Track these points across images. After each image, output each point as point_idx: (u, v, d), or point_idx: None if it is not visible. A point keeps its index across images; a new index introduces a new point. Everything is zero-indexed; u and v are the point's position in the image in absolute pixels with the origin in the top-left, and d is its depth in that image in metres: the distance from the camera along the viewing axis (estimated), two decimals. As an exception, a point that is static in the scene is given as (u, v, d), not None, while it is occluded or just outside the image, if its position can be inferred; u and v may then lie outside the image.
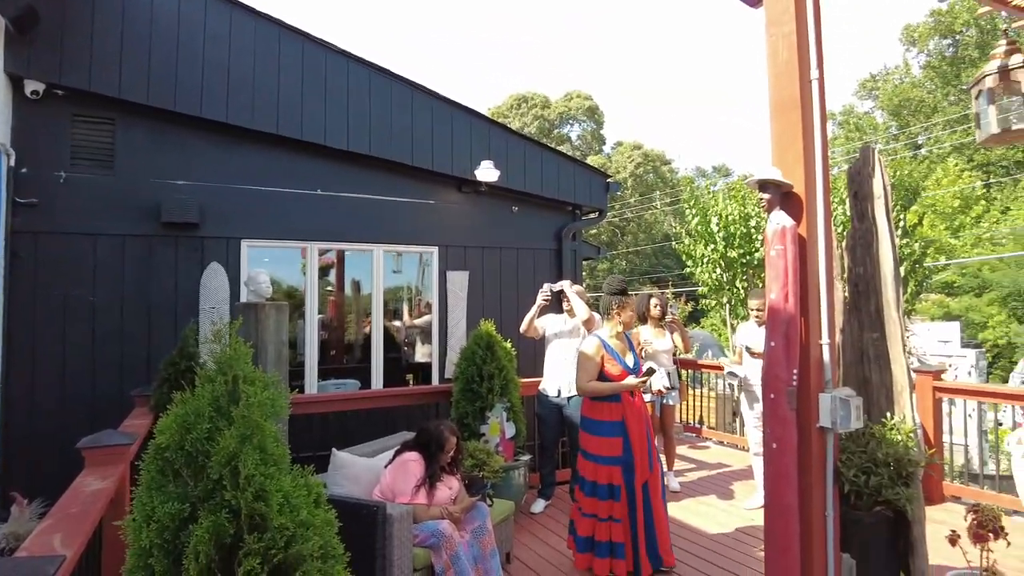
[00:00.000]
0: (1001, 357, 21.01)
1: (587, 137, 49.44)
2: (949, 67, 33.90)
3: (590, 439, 4.05)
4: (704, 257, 10.59)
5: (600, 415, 4.03)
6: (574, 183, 7.55)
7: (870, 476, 2.59)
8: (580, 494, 4.10)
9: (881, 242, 2.87)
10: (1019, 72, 3.24)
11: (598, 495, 3.94)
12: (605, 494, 3.92)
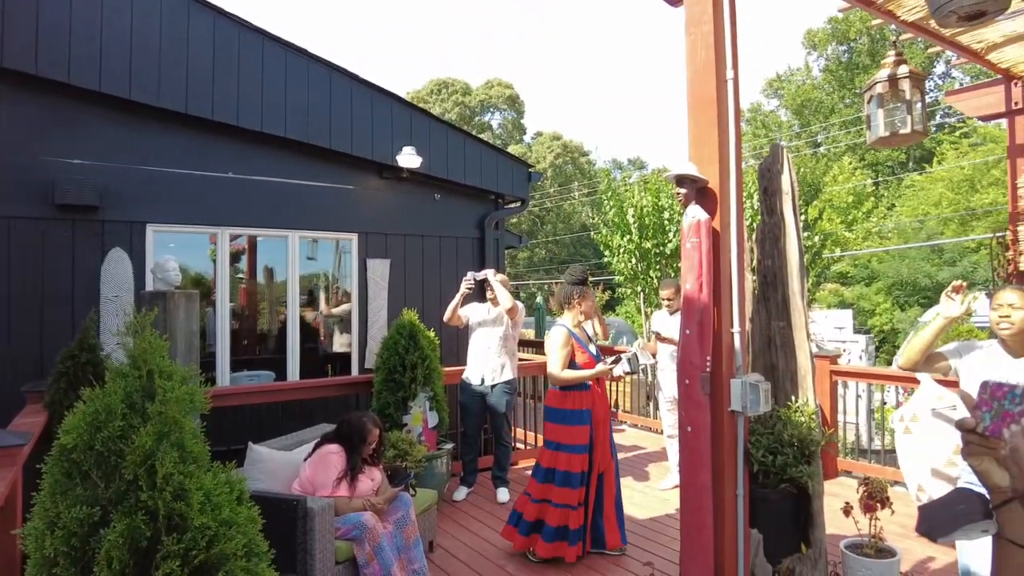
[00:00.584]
0: (886, 341, 22.82)
1: (508, 126, 49.54)
2: (845, 72, 36.17)
3: (560, 429, 4.04)
4: (620, 247, 10.91)
5: (570, 404, 4.05)
6: (497, 172, 7.57)
7: (777, 456, 2.76)
8: (532, 481, 4.15)
9: (788, 236, 3.05)
10: (905, 81, 3.52)
11: (555, 482, 3.98)
12: (564, 481, 3.95)
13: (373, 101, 6.62)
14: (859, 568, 2.83)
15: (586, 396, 4.07)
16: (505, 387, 5.21)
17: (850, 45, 36.20)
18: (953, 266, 23.03)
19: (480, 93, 47.71)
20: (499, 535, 4.51)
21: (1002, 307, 2.60)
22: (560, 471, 4.00)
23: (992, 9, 2.06)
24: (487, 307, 5.34)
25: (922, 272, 23.45)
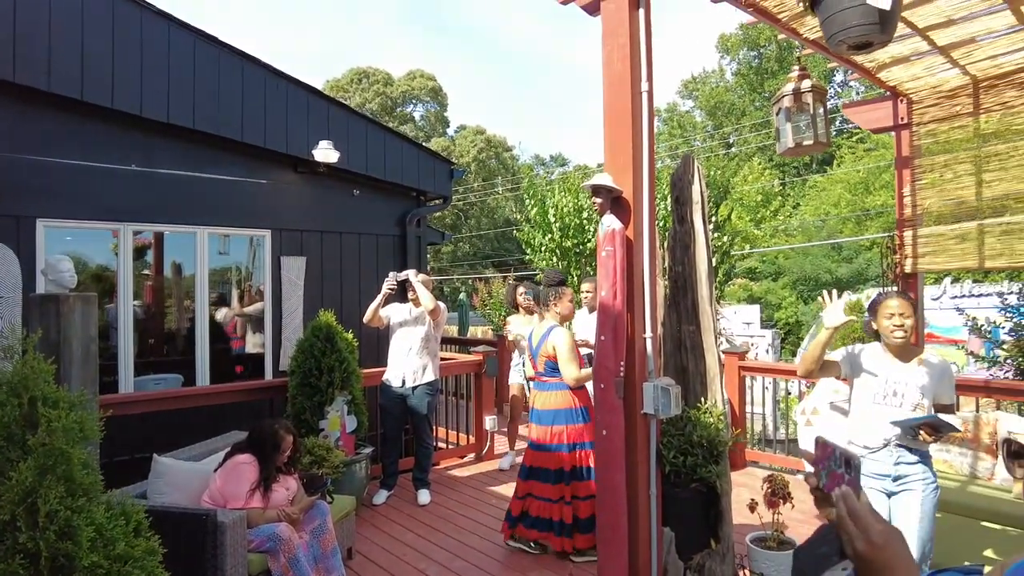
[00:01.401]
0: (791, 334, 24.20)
1: (430, 118, 49.05)
2: (755, 76, 37.94)
3: (584, 428, 4.08)
4: (542, 246, 11.05)
5: (582, 402, 4.13)
6: (418, 169, 7.49)
7: (687, 457, 2.88)
8: (518, 480, 4.26)
9: (698, 243, 3.18)
10: (808, 95, 3.73)
11: (582, 478, 4.02)
12: (589, 475, 3.97)
13: (288, 93, 6.40)
14: (763, 561, 3.00)
15: (583, 394, 4.18)
16: (427, 388, 5.18)
17: (760, 51, 37.98)
18: (850, 263, 24.67)
19: (402, 84, 46.99)
20: (419, 538, 4.50)
21: (895, 316, 2.79)
22: (585, 467, 4.04)
23: (877, 41, 2.22)
24: (408, 307, 5.28)
25: (823, 268, 25.00)
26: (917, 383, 2.74)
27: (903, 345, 2.81)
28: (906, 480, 2.74)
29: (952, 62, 4.41)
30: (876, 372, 2.79)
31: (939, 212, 4.87)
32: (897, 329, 2.77)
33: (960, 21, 3.86)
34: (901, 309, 2.79)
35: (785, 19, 3.84)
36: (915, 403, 2.73)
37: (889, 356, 2.82)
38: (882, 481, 2.77)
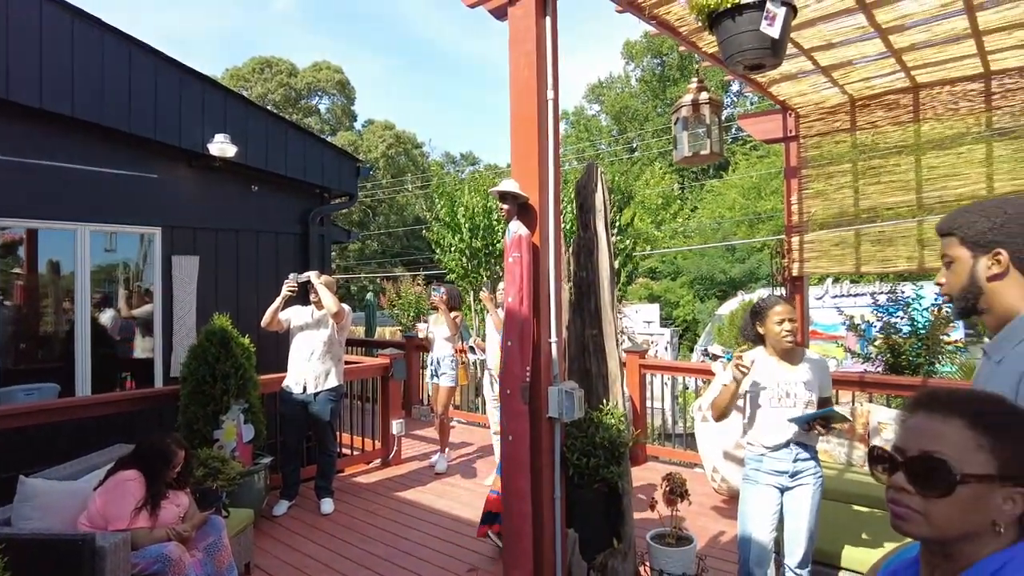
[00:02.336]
0: (689, 331, 25.39)
1: (337, 112, 47.74)
2: (658, 83, 39.44)
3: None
4: (451, 246, 11.01)
5: None
6: (323, 165, 7.24)
7: (590, 458, 2.94)
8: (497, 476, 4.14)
9: (601, 250, 3.25)
10: (705, 107, 3.90)
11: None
12: None
13: (182, 83, 6.01)
14: (662, 557, 3.11)
15: None
16: (330, 395, 5.03)
17: (663, 59, 39.52)
18: (743, 263, 26.18)
19: (307, 75, 45.46)
20: (322, 548, 4.36)
21: (784, 321, 2.95)
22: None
23: (769, 64, 2.36)
24: (310, 310, 5.10)
25: (718, 268, 26.41)
26: (804, 382, 2.92)
27: (789, 349, 2.98)
28: (801, 475, 2.92)
29: (832, 81, 4.75)
30: (768, 377, 2.94)
31: (823, 219, 5.24)
32: (788, 334, 2.93)
33: (839, 45, 4.16)
34: (789, 314, 2.96)
35: (685, 33, 4.01)
36: (806, 401, 2.91)
37: (775, 359, 2.98)
38: (779, 478, 2.93)
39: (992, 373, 1.46)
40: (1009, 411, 1.05)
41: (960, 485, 0.98)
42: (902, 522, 1.04)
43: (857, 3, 3.55)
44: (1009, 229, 1.46)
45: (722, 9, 2.30)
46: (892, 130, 4.93)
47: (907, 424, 1.08)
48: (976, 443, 0.99)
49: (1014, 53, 4.16)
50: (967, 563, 1.00)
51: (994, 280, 1.47)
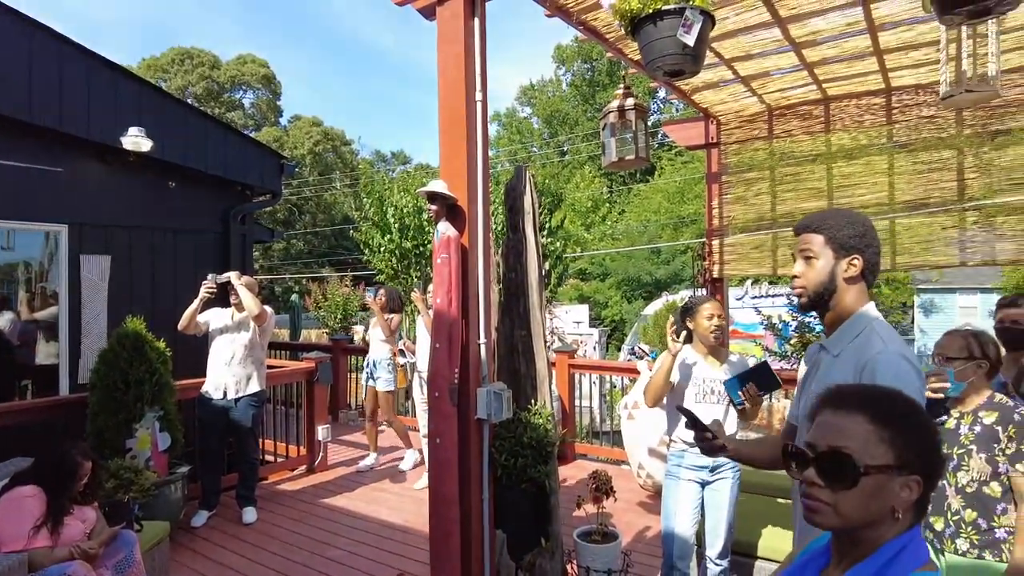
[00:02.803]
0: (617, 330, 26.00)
1: (262, 106, 46.24)
2: (588, 88, 40.14)
3: None
4: (380, 246, 10.83)
5: None
6: (245, 161, 6.99)
7: (518, 458, 2.96)
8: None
9: (529, 252, 3.28)
10: (631, 112, 3.99)
11: None
12: None
13: (90, 71, 5.66)
14: (588, 554, 3.16)
15: None
16: (251, 400, 4.85)
17: (593, 64, 40.24)
18: (668, 265, 27.01)
19: (231, 68, 43.81)
20: (242, 559, 4.20)
21: (714, 317, 3.06)
22: None
23: (688, 71, 2.44)
24: (230, 312, 4.91)
25: (644, 270, 27.15)
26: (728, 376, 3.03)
27: (716, 347, 3.09)
28: (720, 469, 3.03)
29: (752, 91, 4.96)
30: (694, 374, 3.04)
31: (742, 223, 5.46)
32: (716, 330, 3.05)
33: (757, 56, 4.35)
34: (718, 311, 3.08)
35: (612, 39, 4.09)
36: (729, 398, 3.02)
37: (701, 357, 3.09)
38: (700, 472, 3.03)
39: (831, 365, 1.65)
40: (905, 405, 1.13)
41: (864, 476, 1.05)
42: (813, 514, 1.10)
43: (773, 18, 3.72)
44: (867, 240, 1.68)
45: (644, 15, 2.36)
46: (806, 139, 5.19)
47: (816, 421, 1.15)
48: (877, 436, 1.06)
49: (910, 71, 4.46)
50: (871, 548, 1.08)
51: (848, 282, 1.67)
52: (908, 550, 1.06)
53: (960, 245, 4.66)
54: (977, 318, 24.37)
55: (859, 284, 1.69)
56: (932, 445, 1.10)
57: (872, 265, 1.70)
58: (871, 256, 1.70)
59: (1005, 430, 2.37)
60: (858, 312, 1.68)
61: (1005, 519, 2.35)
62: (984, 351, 2.51)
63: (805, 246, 1.73)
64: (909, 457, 1.06)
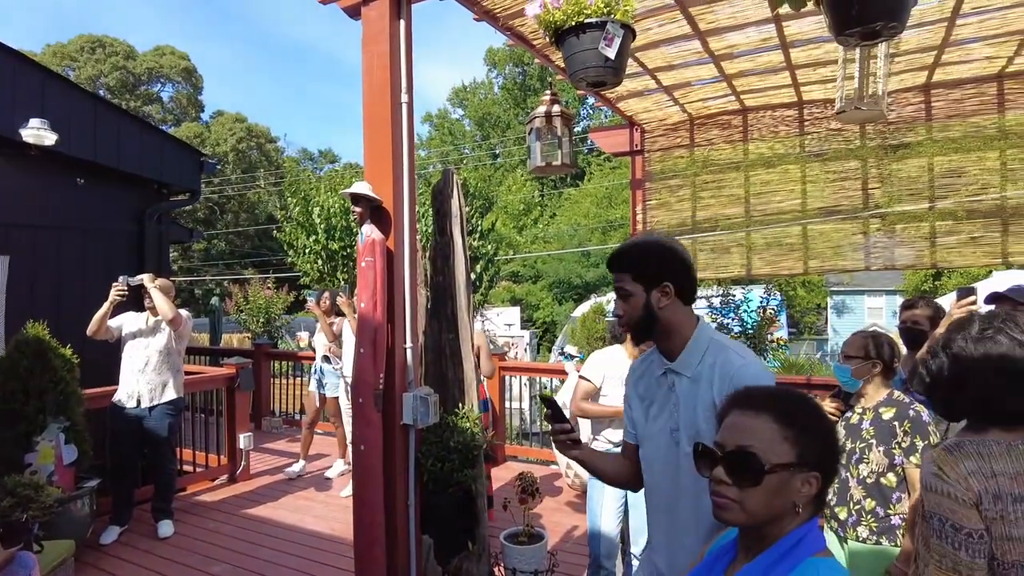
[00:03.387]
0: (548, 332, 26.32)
1: (182, 101, 44.25)
2: (520, 92, 40.40)
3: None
4: (306, 247, 10.53)
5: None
6: (162, 158, 6.66)
7: (445, 463, 2.95)
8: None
9: (457, 255, 3.28)
10: (558, 119, 4.04)
11: None
12: None
13: (-16, 57, 5.28)
14: (515, 556, 3.18)
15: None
16: (167, 408, 4.63)
17: (524, 68, 40.54)
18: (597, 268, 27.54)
19: (148, 60, 41.72)
20: (158, 575, 4.00)
21: None
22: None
23: (609, 82, 2.50)
24: (145, 317, 4.68)
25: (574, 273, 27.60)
26: None
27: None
28: None
29: (674, 100, 5.13)
30: (621, 375, 3.10)
31: (666, 229, 5.63)
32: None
33: (679, 67, 4.51)
34: None
35: (539, 46, 4.14)
36: None
37: (629, 360, 3.16)
38: None
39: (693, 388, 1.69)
40: (806, 405, 1.20)
41: (768, 474, 1.10)
42: (721, 511, 1.16)
43: (693, 30, 3.86)
44: (672, 264, 1.75)
45: (567, 27, 2.40)
46: (726, 147, 5.41)
47: (724, 422, 1.21)
48: (781, 435, 1.13)
49: (819, 87, 4.73)
50: (773, 541, 1.14)
51: (667, 309, 1.73)
52: (806, 540, 1.13)
53: (865, 251, 4.97)
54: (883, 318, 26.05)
55: (680, 306, 1.74)
56: (830, 444, 1.18)
57: (683, 284, 1.74)
58: (680, 277, 1.74)
59: (901, 425, 2.54)
60: (695, 332, 1.74)
61: (900, 507, 2.52)
62: (879, 352, 2.69)
63: (619, 284, 1.78)
64: (809, 455, 1.13)
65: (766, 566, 1.13)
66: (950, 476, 1.49)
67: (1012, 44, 4.01)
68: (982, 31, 3.86)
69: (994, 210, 4.53)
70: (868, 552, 2.56)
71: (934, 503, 1.50)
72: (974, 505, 1.46)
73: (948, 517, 1.47)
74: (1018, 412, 1.52)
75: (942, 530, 1.48)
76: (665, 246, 1.77)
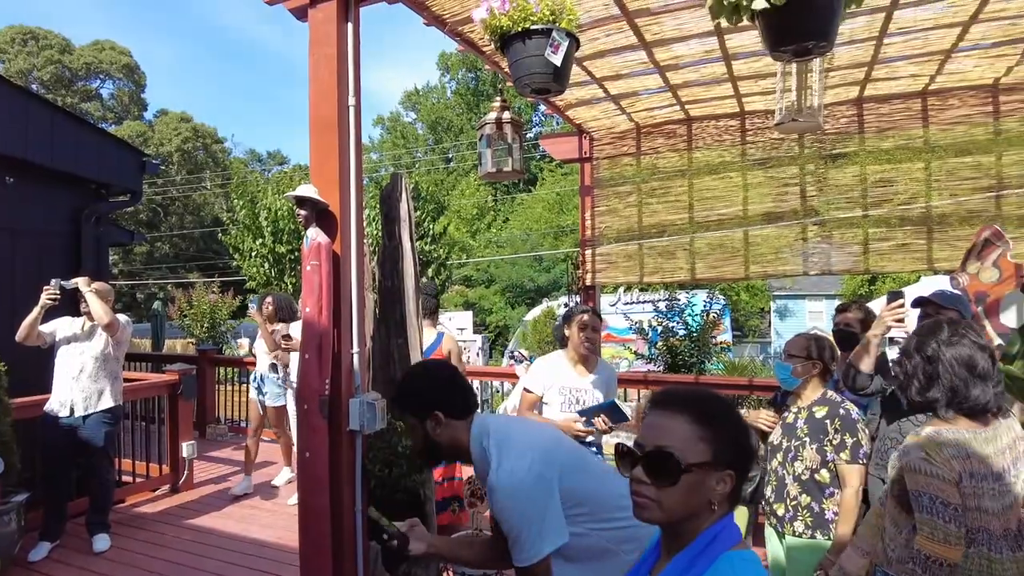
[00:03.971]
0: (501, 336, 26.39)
1: (123, 98, 42.72)
2: (473, 97, 40.42)
3: None
4: (252, 251, 10.28)
5: None
6: (99, 157, 6.42)
7: (392, 468, 2.93)
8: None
9: (406, 259, 3.27)
10: (508, 125, 4.08)
11: None
12: None
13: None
14: (463, 559, 3.18)
15: None
16: (103, 417, 4.46)
17: (477, 74, 40.60)
18: (548, 272, 27.78)
19: (86, 54, 40.13)
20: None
21: (587, 329, 3.17)
22: None
23: (553, 90, 2.55)
24: (81, 322, 4.50)
25: (527, 277, 27.76)
26: (593, 388, 3.17)
27: (586, 356, 3.20)
28: None
29: (621, 109, 5.23)
30: (562, 383, 3.15)
31: (615, 234, 5.73)
32: (586, 341, 3.15)
33: (626, 76, 4.60)
34: (593, 324, 3.18)
35: (489, 52, 4.17)
36: (595, 404, 3.15)
37: (569, 366, 3.21)
38: None
39: (506, 499, 1.75)
40: (721, 406, 1.26)
41: (685, 474, 1.15)
42: (641, 510, 1.20)
43: (639, 41, 3.96)
44: (434, 395, 1.93)
45: (513, 32, 2.44)
46: (671, 156, 5.55)
47: (645, 422, 1.25)
48: (697, 435, 1.17)
49: (760, 98, 4.90)
50: (691, 538, 1.19)
51: (443, 432, 1.91)
52: (722, 535, 1.18)
53: (804, 256, 5.16)
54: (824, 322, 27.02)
55: (450, 424, 1.90)
56: (744, 443, 1.23)
57: (440, 405, 1.90)
58: (436, 402, 1.91)
59: (832, 423, 2.66)
60: (470, 439, 1.90)
61: (831, 502, 2.64)
62: (820, 354, 2.81)
63: (403, 420, 2.02)
64: (724, 454, 1.18)
65: (685, 564, 1.17)
66: (937, 459, 1.77)
67: (933, 63, 4.25)
68: (907, 50, 4.08)
69: (921, 218, 4.78)
70: (804, 546, 2.67)
71: (923, 484, 1.77)
72: (956, 483, 1.75)
73: (937, 495, 1.74)
74: (980, 403, 1.83)
75: (932, 506, 1.74)
76: (423, 376, 2.01)
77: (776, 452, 2.81)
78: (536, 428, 2.02)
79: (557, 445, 1.90)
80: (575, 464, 1.87)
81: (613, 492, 1.83)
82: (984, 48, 4.06)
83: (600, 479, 1.91)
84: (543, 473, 1.74)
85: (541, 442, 1.85)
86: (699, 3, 3.35)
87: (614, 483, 1.80)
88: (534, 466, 1.74)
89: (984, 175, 4.60)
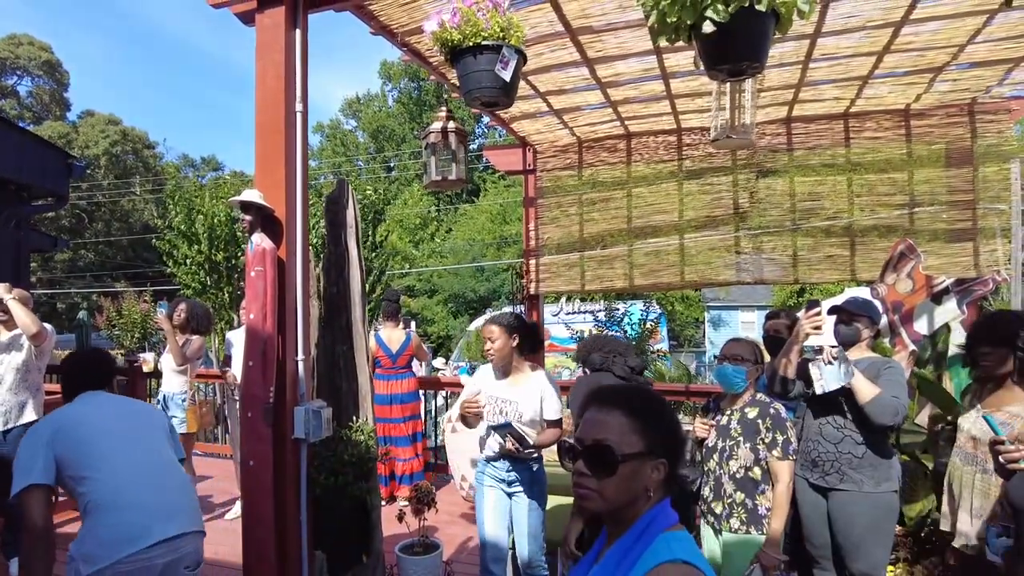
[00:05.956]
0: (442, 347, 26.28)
1: (43, 97, 40.56)
2: (415, 106, 40.25)
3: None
4: (187, 258, 9.95)
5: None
6: (21, 158, 6.13)
7: (338, 477, 2.91)
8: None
9: (352, 266, 3.26)
10: (452, 135, 4.12)
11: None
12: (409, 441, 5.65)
13: None
14: (410, 567, 3.18)
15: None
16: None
17: (420, 84, 40.47)
18: (490, 282, 27.88)
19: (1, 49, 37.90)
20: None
21: (488, 340, 3.20)
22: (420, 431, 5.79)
23: (502, 103, 2.62)
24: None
25: (469, 287, 27.79)
26: (518, 399, 3.14)
27: (500, 365, 3.18)
28: (515, 484, 3.15)
29: (564, 123, 5.36)
30: (488, 392, 3.17)
31: (557, 244, 5.85)
32: (489, 350, 3.16)
33: (569, 91, 4.73)
34: (488, 333, 3.18)
35: (436, 63, 4.22)
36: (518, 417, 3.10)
37: (493, 376, 3.23)
38: (501, 485, 3.17)
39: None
40: (652, 400, 1.36)
41: (621, 464, 1.23)
42: (584, 501, 1.28)
43: (582, 58, 4.08)
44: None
45: (464, 47, 2.49)
46: (611, 169, 5.71)
47: (584, 418, 1.34)
48: (631, 427, 1.27)
49: (696, 116, 5.12)
50: (631, 524, 1.28)
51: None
52: (658, 519, 1.27)
53: (737, 266, 5.39)
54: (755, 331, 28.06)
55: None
56: (675, 433, 1.33)
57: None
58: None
59: (764, 422, 2.80)
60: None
61: (764, 498, 2.78)
62: (760, 357, 2.97)
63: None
64: (657, 444, 1.27)
65: (626, 547, 1.26)
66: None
67: (853, 88, 4.55)
68: (831, 75, 4.36)
69: (844, 232, 5.08)
70: (739, 541, 2.80)
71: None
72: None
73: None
74: None
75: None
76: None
77: (712, 453, 2.93)
78: None
79: None
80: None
81: None
82: (897, 76, 4.38)
83: None
84: None
85: None
86: (640, 23, 3.49)
87: None
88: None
89: (899, 192, 4.94)
